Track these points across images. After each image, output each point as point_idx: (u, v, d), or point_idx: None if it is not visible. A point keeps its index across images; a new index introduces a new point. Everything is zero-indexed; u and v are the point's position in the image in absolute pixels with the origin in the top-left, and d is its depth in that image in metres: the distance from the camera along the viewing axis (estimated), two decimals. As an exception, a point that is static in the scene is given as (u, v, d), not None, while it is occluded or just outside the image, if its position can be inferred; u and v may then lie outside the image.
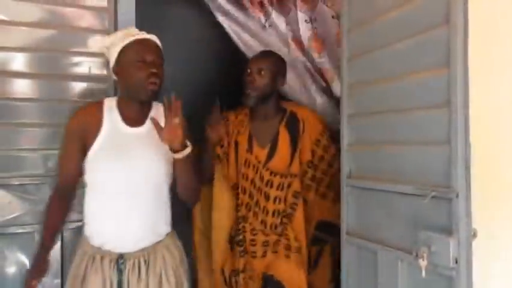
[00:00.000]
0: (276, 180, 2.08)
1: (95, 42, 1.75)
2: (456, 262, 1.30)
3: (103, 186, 1.66)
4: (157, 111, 1.73)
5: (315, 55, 2.34)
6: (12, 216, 1.91)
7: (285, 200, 2.09)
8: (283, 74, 2.15)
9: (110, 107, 1.70)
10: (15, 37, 1.92)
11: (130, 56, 1.63)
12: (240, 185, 2.14)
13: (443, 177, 1.35)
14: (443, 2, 1.34)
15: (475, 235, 1.31)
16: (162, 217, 1.74)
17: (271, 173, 2.09)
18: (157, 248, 1.69)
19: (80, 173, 1.69)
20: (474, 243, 1.30)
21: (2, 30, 1.89)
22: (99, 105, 1.71)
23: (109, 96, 1.86)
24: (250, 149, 2.12)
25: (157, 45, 1.71)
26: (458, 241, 1.29)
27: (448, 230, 1.32)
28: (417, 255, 1.37)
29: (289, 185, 2.09)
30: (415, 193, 1.44)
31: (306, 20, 2.34)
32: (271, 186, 2.09)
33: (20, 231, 1.91)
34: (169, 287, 1.68)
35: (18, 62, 1.93)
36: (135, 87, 1.63)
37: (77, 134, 1.65)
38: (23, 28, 1.93)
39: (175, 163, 1.65)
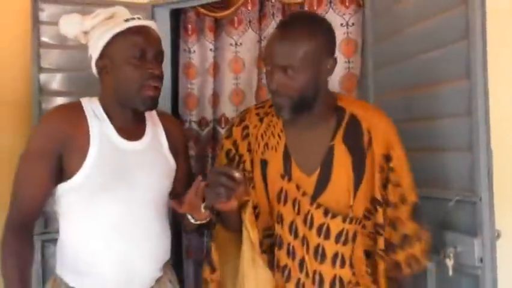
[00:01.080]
0: (335, 224, 1.26)
1: (69, 24, 1.27)
2: (481, 261, 1.37)
3: (95, 220, 1.26)
4: (152, 118, 1.39)
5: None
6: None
7: (351, 261, 1.29)
8: (332, 50, 1.27)
9: (94, 112, 1.28)
10: (60, 58, 2.10)
11: (122, 50, 1.23)
12: (275, 234, 1.32)
13: (467, 182, 1.43)
14: (463, 17, 1.43)
15: (498, 236, 1.39)
16: (165, 249, 1.40)
17: (325, 213, 1.27)
18: (161, 285, 1.38)
19: (45, 202, 1.29)
20: (498, 243, 1.38)
21: (50, 53, 2.07)
22: (77, 108, 1.28)
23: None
24: (287, 174, 1.30)
25: (158, 36, 1.30)
26: (482, 242, 1.37)
27: (472, 232, 1.40)
28: (444, 255, 1.45)
29: (355, 235, 1.29)
30: (441, 197, 1.53)
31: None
32: (327, 236, 1.26)
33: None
34: None
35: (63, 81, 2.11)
36: (129, 92, 1.24)
37: (52, 148, 1.22)
38: (68, 50, 2.09)
39: (185, 221, 1.33)
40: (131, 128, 1.31)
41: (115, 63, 1.25)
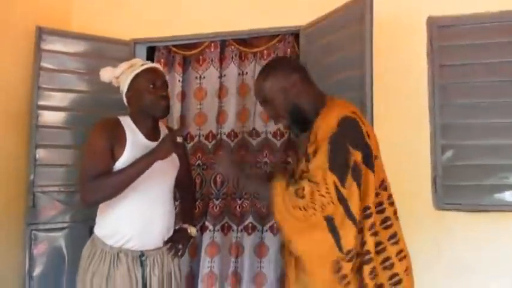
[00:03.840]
0: None
1: (106, 73, 1.90)
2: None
3: (130, 191, 1.73)
4: (163, 128, 1.97)
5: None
6: (52, 215, 2.55)
7: None
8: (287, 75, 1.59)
9: (128, 123, 1.83)
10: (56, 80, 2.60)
11: (142, 82, 1.81)
12: None
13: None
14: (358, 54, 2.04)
15: None
16: (173, 219, 1.92)
17: None
18: (166, 249, 1.88)
19: (109, 167, 1.74)
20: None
21: (48, 76, 2.57)
22: (118, 120, 1.84)
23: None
24: None
25: (162, 72, 1.90)
26: None
27: None
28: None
29: None
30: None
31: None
32: None
33: (59, 226, 2.56)
34: (176, 284, 1.91)
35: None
36: (150, 107, 1.81)
37: (108, 139, 1.74)
38: (63, 74, 2.61)
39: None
40: (151, 132, 1.87)
41: (138, 91, 1.83)
